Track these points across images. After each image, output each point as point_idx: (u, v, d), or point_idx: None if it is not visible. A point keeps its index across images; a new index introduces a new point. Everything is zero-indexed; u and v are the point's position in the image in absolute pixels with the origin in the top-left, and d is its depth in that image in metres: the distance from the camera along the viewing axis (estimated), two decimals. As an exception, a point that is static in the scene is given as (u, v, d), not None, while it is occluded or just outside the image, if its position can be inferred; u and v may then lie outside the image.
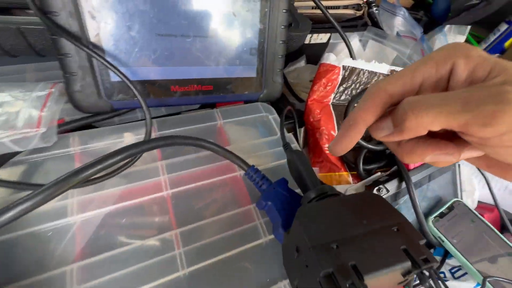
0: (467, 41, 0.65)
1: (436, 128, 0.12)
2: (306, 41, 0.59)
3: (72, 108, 0.25)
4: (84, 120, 0.26)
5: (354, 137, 0.15)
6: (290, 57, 0.63)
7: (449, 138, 0.14)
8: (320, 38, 0.61)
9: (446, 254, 0.35)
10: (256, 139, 0.30)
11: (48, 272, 0.18)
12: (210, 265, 0.21)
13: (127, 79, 0.23)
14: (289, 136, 0.30)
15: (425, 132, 0.13)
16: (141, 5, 0.23)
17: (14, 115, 0.20)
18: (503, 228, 0.40)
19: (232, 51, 0.28)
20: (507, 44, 0.65)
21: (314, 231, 0.14)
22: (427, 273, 0.13)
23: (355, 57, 0.41)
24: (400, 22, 0.66)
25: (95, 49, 0.23)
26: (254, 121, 0.32)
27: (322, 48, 0.63)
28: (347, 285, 0.12)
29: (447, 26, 0.67)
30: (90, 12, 0.22)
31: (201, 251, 0.21)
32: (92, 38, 0.23)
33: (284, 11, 0.28)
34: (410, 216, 0.37)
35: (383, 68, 0.42)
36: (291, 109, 0.32)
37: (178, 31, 0.26)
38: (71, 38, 0.21)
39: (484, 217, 0.37)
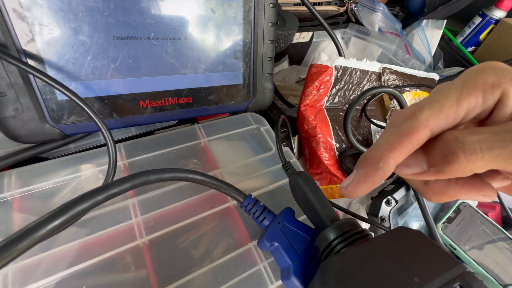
0: (443, 35, 0.65)
1: (483, 170, 0.11)
2: (288, 41, 0.55)
3: (6, 138, 0.19)
4: (25, 152, 0.20)
5: (380, 180, 0.12)
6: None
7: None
8: (303, 37, 0.57)
9: (458, 262, 0.33)
10: (248, 157, 0.25)
11: None
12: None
13: (77, 96, 0.17)
14: (287, 151, 0.26)
15: (469, 175, 0.11)
16: (91, 2, 0.18)
17: None
18: (504, 225, 0.39)
19: (213, 55, 0.24)
20: (482, 36, 0.66)
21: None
22: None
23: (344, 55, 0.38)
24: (380, 17, 0.64)
25: (29, 59, 0.17)
26: (244, 135, 0.27)
27: (305, 47, 0.60)
28: None
29: (424, 21, 0.67)
30: (15, 10, 0.16)
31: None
32: (24, 45, 0.17)
33: (271, 5, 0.24)
34: (419, 224, 0.34)
35: (375, 66, 0.39)
36: (285, 118, 0.28)
37: (142, 33, 0.20)
38: (-12, 46, 0.15)
39: (488, 216, 0.35)
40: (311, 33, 0.56)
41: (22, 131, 0.19)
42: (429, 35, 0.69)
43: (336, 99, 0.37)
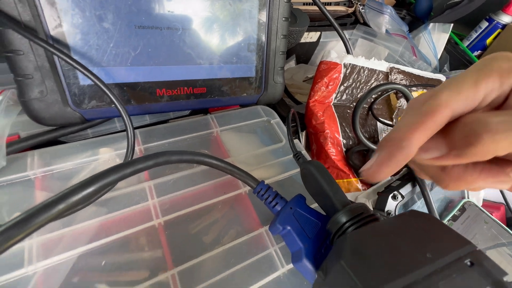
0: (449, 38, 0.66)
1: (506, 152, 0.11)
2: (296, 40, 0.56)
3: (30, 121, 0.20)
4: (47, 135, 0.21)
5: (403, 161, 0.12)
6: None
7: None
8: (310, 37, 0.58)
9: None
10: (258, 148, 0.26)
11: None
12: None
13: (101, 81, 0.18)
14: (297, 143, 0.26)
15: (490, 157, 0.11)
16: (116, -10, 0.19)
17: None
18: (509, 225, 0.39)
19: (228, 47, 0.24)
20: (488, 41, 0.66)
21: (369, 277, 0.11)
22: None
23: (351, 51, 0.39)
24: (387, 20, 0.65)
25: (56, 44, 0.18)
26: (255, 127, 0.28)
27: (312, 47, 0.61)
28: None
29: (431, 24, 0.67)
30: (49, 1, 0.17)
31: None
32: (52, 31, 0.18)
33: (285, 1, 0.25)
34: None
35: (382, 66, 0.40)
36: (295, 112, 0.29)
37: (162, 23, 0.21)
38: (21, 30, 0.16)
39: (493, 215, 0.35)
40: (318, 33, 0.57)
41: (45, 114, 0.20)
42: (435, 39, 0.69)
43: (344, 97, 0.38)
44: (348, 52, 0.40)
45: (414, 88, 0.43)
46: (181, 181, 0.21)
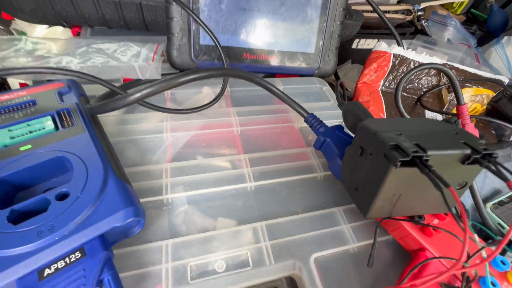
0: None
1: None
2: (354, 46, 0.63)
3: (163, 67, 0.32)
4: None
5: None
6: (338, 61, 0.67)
7: None
8: (367, 43, 0.64)
9: (510, 245, 0.33)
10: (311, 104, 0.33)
11: (149, 165, 0.23)
12: (272, 184, 0.24)
13: (218, 43, 0.29)
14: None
15: None
16: (231, -14, 0.30)
17: (138, 54, 0.27)
18: None
19: (297, 28, 0.33)
20: None
21: (377, 126, 0.17)
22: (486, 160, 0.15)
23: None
24: (451, 32, 0.66)
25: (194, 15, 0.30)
26: (309, 92, 0.35)
27: (368, 53, 0.66)
28: (412, 152, 0.14)
29: (505, 38, 0.66)
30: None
31: (264, 172, 0.24)
32: (193, 7, 0.30)
33: (344, -5, 0.33)
34: (465, 200, 0.35)
35: (435, 61, 0.43)
36: (342, 83, 0.36)
37: (255, 7, 0.32)
38: (181, 4, 0.28)
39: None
40: (376, 40, 0.63)
41: (178, 60, 0.32)
42: (509, 53, 0.67)
43: (393, 85, 0.42)
44: (398, 44, 0.45)
45: (468, 84, 0.45)
46: (253, 111, 0.30)
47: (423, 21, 0.73)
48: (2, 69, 0.22)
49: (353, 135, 0.25)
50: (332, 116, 0.31)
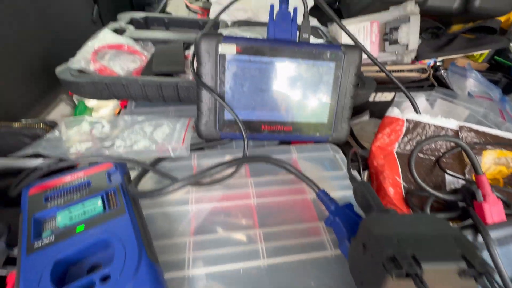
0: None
1: None
2: (371, 99, 0.66)
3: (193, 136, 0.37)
4: (202, 144, 0.37)
5: None
6: (355, 112, 0.70)
7: None
8: (385, 96, 0.66)
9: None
10: (323, 172, 0.35)
11: (175, 238, 0.26)
12: (285, 262, 0.25)
13: (239, 119, 0.34)
14: (354, 172, 0.35)
15: None
16: (253, 73, 0.35)
17: (171, 134, 0.32)
18: None
19: (310, 103, 0.37)
20: None
21: (378, 227, 0.19)
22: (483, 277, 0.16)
23: (419, 112, 0.45)
24: (472, 83, 0.66)
25: (219, 97, 0.35)
26: (323, 158, 0.38)
27: (386, 106, 0.68)
28: (407, 265, 0.16)
29: (534, 86, 0.64)
30: (221, 78, 0.35)
31: (278, 249, 0.26)
32: (219, 91, 0.35)
33: (354, 74, 0.36)
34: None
35: (451, 124, 0.44)
36: (356, 151, 0.38)
37: (272, 88, 0.36)
38: (209, 90, 0.34)
39: None
40: (393, 93, 0.65)
41: (205, 132, 0.36)
42: (538, 101, 0.65)
43: (408, 147, 0.43)
44: (415, 110, 0.47)
45: (489, 147, 0.44)
46: (269, 182, 0.33)
47: (442, 71, 0.74)
48: (75, 159, 0.29)
49: (363, 216, 0.26)
50: (345, 187, 0.33)
